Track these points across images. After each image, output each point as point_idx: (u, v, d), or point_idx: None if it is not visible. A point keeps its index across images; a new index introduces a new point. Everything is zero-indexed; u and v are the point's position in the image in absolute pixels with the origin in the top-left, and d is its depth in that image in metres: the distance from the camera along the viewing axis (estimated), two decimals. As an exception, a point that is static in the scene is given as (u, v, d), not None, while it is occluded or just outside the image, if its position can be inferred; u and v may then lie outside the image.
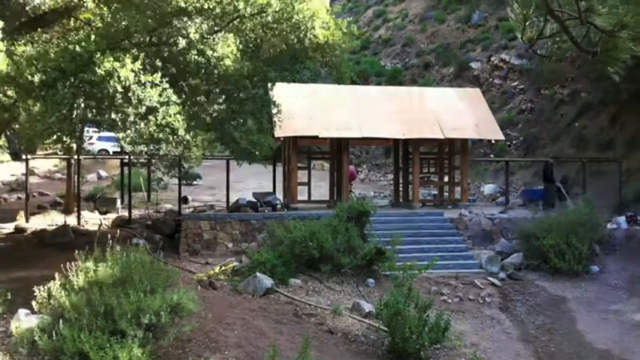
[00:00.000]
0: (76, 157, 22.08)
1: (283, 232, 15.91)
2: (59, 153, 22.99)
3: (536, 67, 34.43)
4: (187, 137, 11.09)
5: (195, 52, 11.58)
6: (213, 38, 12.24)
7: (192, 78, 12.16)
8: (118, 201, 24.76)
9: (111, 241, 9.40)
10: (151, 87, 10.38)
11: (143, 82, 10.26)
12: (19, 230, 19.96)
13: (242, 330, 11.43)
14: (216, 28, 12.43)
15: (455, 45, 41.09)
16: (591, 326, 13.85)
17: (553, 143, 30.41)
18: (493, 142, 21.03)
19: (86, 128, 23.93)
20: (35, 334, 8.51)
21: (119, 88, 9.86)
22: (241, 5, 12.04)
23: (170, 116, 10.50)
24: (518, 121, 33.62)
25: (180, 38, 11.48)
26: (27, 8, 13.19)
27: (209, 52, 11.82)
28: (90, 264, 9.17)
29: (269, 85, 16.05)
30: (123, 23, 11.20)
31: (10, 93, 10.65)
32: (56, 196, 26.95)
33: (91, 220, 21.64)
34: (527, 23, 4.23)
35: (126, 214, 21.69)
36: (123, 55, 10.11)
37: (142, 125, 10.42)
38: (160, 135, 10.63)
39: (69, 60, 10.12)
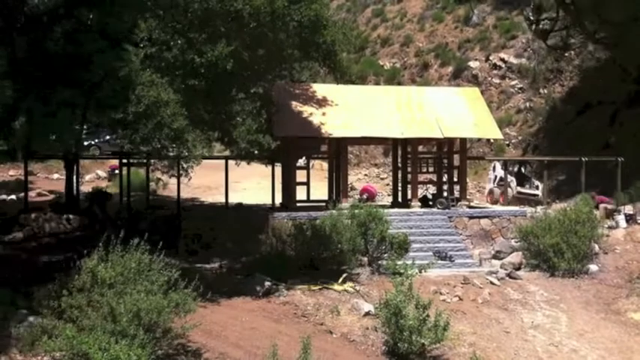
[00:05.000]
0: (76, 157, 21.96)
1: (283, 232, 15.89)
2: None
3: (534, 66, 34.46)
4: (186, 137, 11.08)
5: (195, 52, 11.57)
6: (213, 38, 12.21)
7: (192, 77, 12.12)
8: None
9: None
10: (151, 86, 10.37)
11: (142, 81, 10.25)
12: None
13: (242, 330, 11.44)
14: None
15: (453, 44, 41.06)
16: (590, 325, 13.87)
17: (551, 142, 30.40)
18: (492, 141, 21.01)
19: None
20: (36, 333, 8.53)
21: (118, 88, 9.86)
22: (240, 5, 12.03)
23: (169, 116, 10.48)
24: (516, 120, 33.64)
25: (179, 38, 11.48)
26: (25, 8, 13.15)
27: (208, 52, 11.78)
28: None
29: (268, 84, 16.04)
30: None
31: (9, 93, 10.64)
32: (55, 196, 26.88)
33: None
34: (542, 17, 4.20)
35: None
36: (123, 54, 10.10)
37: (141, 125, 10.41)
38: (160, 135, 10.61)
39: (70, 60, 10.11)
